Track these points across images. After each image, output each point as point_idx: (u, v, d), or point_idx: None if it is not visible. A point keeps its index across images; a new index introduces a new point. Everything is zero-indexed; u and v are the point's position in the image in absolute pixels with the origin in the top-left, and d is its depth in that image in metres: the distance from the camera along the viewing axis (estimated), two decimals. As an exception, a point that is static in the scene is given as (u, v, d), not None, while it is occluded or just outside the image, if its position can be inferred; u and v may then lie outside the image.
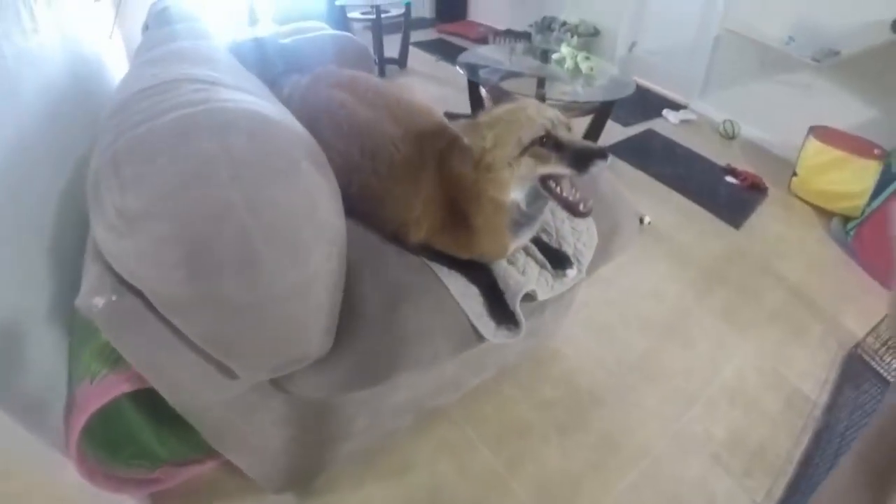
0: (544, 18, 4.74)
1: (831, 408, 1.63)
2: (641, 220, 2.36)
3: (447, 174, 0.98)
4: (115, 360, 0.98)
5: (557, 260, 1.15)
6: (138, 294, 0.72)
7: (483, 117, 0.95)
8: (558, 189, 0.89)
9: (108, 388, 0.94)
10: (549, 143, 0.87)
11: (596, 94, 2.72)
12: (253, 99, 0.87)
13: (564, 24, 4.55)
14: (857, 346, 1.84)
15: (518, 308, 1.03)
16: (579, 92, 2.74)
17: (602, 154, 0.83)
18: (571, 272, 1.14)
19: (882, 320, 1.82)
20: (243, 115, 0.75)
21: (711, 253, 2.32)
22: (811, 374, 1.76)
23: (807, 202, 2.81)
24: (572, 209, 0.88)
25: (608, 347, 1.78)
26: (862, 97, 2.91)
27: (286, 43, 1.97)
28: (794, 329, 1.95)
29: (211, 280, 0.67)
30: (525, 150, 0.88)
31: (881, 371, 1.75)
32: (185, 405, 0.92)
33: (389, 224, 1.08)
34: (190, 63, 0.99)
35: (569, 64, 2.91)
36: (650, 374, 1.69)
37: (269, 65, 1.55)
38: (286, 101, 1.28)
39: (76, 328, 1.12)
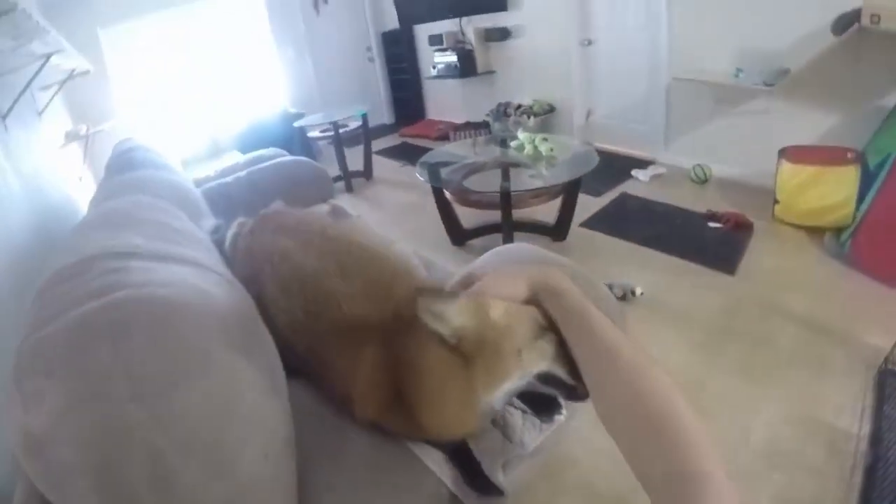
0: (499, 105, 4.91)
1: (876, 436, 1.50)
2: (633, 293, 2.31)
3: (408, 345, 0.80)
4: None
5: (544, 404, 0.98)
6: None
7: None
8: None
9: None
10: None
11: (561, 175, 2.72)
12: (174, 269, 0.82)
13: (519, 106, 4.72)
14: (885, 361, 1.73)
15: (500, 477, 0.91)
16: (544, 175, 2.74)
17: None
18: (560, 418, 0.99)
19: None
20: (144, 308, 0.69)
21: (710, 308, 2.24)
22: (846, 407, 1.63)
23: (795, 226, 2.75)
24: (573, 394, 0.71)
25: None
26: (821, 107, 2.94)
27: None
28: (817, 364, 1.84)
29: (125, 507, 0.61)
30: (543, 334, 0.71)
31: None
32: None
33: (337, 394, 0.95)
34: (122, 226, 0.96)
35: (528, 150, 2.92)
36: (674, 460, 1.58)
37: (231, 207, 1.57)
38: (231, 249, 1.23)
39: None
